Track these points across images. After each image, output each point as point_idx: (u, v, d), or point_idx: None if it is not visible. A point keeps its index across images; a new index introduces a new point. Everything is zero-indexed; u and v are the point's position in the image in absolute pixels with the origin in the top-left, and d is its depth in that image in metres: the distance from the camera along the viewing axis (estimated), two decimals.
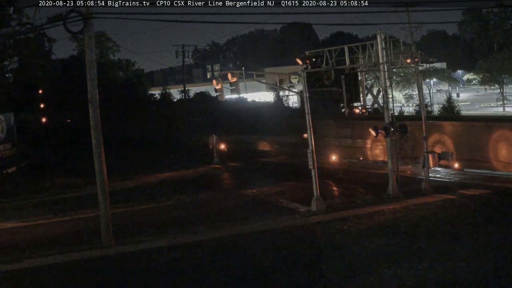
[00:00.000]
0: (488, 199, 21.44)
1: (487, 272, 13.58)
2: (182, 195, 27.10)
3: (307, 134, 21.78)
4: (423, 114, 24.60)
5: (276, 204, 23.84)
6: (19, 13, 40.15)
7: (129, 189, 30.02)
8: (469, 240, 16.28)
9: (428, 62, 60.56)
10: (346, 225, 19.11)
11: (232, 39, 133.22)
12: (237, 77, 22.81)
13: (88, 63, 18.52)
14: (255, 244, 17.72)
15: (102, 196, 18.71)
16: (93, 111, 18.59)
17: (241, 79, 23.02)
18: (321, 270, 14.71)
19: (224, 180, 32.31)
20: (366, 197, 23.45)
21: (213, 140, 37.12)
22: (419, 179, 24.51)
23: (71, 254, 17.70)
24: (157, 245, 18.28)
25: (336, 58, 28.21)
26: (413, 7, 31.71)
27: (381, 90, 23.66)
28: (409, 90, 66.25)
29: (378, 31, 23.84)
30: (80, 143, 35.15)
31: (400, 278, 13.53)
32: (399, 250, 15.78)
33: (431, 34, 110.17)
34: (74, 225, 22.49)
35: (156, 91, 75.03)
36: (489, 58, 72.55)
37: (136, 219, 22.77)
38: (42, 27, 19.27)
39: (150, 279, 15.03)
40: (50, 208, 25.98)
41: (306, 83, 22.52)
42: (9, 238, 20.81)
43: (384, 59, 23.61)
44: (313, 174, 21.56)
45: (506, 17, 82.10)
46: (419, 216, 19.57)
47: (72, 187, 30.59)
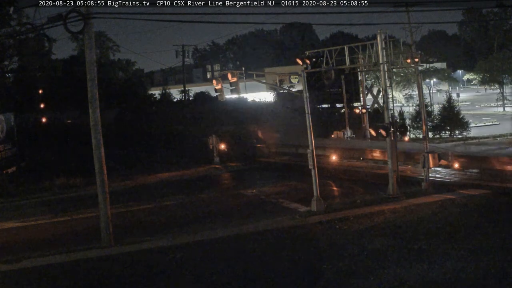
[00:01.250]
0: (488, 199, 21.45)
1: (487, 272, 13.59)
2: (182, 195, 27.11)
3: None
4: (423, 114, 24.62)
5: (276, 204, 23.84)
6: (19, 13, 40.20)
7: (129, 189, 30.03)
8: (469, 240, 16.28)
9: (428, 62, 60.60)
10: (346, 225, 19.12)
11: (232, 39, 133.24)
12: (237, 77, 22.82)
13: (88, 63, 18.53)
14: (255, 244, 17.72)
15: (102, 196, 18.71)
16: (93, 111, 18.60)
17: (241, 79, 23.03)
18: (321, 270, 14.71)
19: (224, 180, 32.31)
20: (366, 197, 23.45)
21: (213, 140, 37.11)
22: (419, 179, 24.51)
23: (71, 254, 17.70)
24: (157, 245, 18.29)
25: (336, 58, 28.24)
26: (413, 7, 31.68)
27: (381, 90, 23.66)
28: (409, 90, 66.33)
29: (378, 31, 23.85)
30: (80, 143, 35.13)
31: (400, 278, 13.54)
32: (399, 250, 15.78)
33: (431, 34, 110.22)
34: (74, 225, 22.49)
35: (156, 91, 75.01)
36: (489, 58, 72.55)
37: (136, 219, 22.77)
38: (42, 27, 19.30)
39: (150, 279, 15.03)
40: (50, 208, 25.99)
41: (306, 83, 22.53)
42: (9, 238, 20.80)
43: (384, 59, 23.62)
44: (313, 174, 21.57)
45: (506, 17, 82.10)
46: (419, 216, 19.57)
47: (72, 187, 30.57)
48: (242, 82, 23.06)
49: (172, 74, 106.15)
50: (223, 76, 24.87)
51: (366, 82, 39.67)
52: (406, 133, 23.48)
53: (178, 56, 64.97)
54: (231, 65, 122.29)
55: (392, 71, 27.44)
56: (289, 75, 64.22)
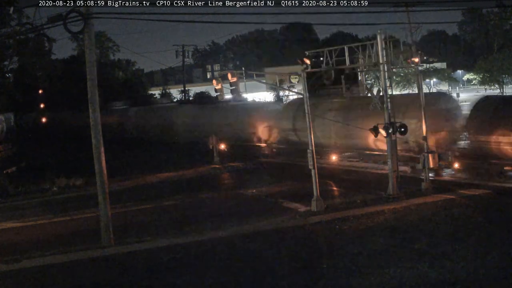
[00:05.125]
0: (488, 199, 21.46)
1: (487, 272, 13.59)
2: (182, 195, 27.09)
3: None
4: (423, 114, 24.57)
5: (276, 204, 23.84)
6: (19, 13, 40.15)
7: (129, 189, 30.02)
8: (469, 240, 16.29)
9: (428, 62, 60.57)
10: (346, 225, 19.12)
11: (232, 39, 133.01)
12: (237, 77, 22.81)
13: (88, 63, 18.53)
14: (255, 244, 17.73)
15: (102, 196, 18.71)
16: (93, 111, 18.60)
17: (241, 79, 23.03)
18: (321, 270, 14.71)
19: (224, 180, 32.30)
20: (366, 197, 23.44)
21: (213, 140, 37.09)
22: (419, 179, 24.50)
23: (71, 254, 17.70)
24: (157, 245, 18.30)
25: (336, 58, 28.15)
26: (413, 7, 31.64)
27: (381, 90, 23.63)
28: (409, 90, 66.27)
29: (378, 31, 23.81)
30: (80, 143, 35.13)
31: (400, 278, 13.54)
32: (399, 250, 15.78)
33: (431, 34, 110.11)
34: (74, 225, 22.50)
35: (156, 91, 75.07)
36: (489, 58, 72.49)
37: (136, 219, 22.77)
38: (42, 27, 19.31)
39: (150, 279, 15.04)
40: (50, 208, 25.98)
41: (306, 83, 22.52)
42: (9, 238, 20.82)
43: (384, 59, 23.60)
44: (313, 174, 21.57)
45: (506, 17, 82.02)
46: (419, 216, 19.58)
47: (72, 187, 30.56)
48: (242, 82, 23.07)
49: (172, 74, 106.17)
50: (223, 76, 24.86)
51: (366, 82, 39.61)
52: (406, 133, 23.39)
53: (178, 56, 65.09)
54: (231, 65, 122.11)
55: (392, 71, 27.37)
56: (289, 75, 64.13)
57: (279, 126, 37.05)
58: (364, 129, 24.61)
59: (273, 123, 37.91)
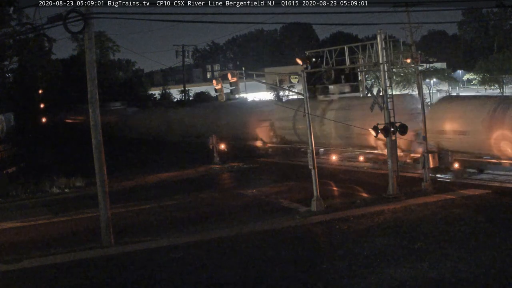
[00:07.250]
0: (488, 199, 21.45)
1: (487, 272, 13.59)
2: (182, 195, 27.10)
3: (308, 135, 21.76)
4: (423, 114, 24.59)
5: (276, 204, 23.84)
6: (19, 13, 40.18)
7: (129, 189, 30.03)
8: (469, 240, 16.28)
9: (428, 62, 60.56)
10: (346, 225, 19.11)
11: (232, 39, 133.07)
12: (237, 77, 22.82)
13: (88, 63, 18.54)
14: (255, 244, 17.72)
15: (102, 196, 18.71)
16: (93, 111, 18.61)
17: (241, 79, 23.03)
18: (321, 270, 14.71)
19: (224, 180, 32.31)
20: (366, 197, 23.45)
21: (213, 140, 37.10)
22: (419, 179, 24.50)
23: (71, 254, 17.71)
24: (157, 245, 18.30)
25: (336, 58, 28.18)
26: (413, 7, 31.68)
27: (381, 90, 23.63)
28: (409, 90, 66.20)
29: (378, 31, 23.82)
30: (80, 143, 35.15)
31: (400, 278, 13.54)
32: (399, 250, 15.77)
33: (431, 34, 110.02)
34: (74, 225, 22.50)
35: (156, 91, 75.12)
36: (489, 58, 72.47)
37: (136, 219, 22.78)
38: (42, 27, 19.27)
39: (150, 279, 15.03)
40: (50, 208, 25.99)
41: (306, 83, 22.52)
42: (9, 238, 20.81)
43: (384, 59, 23.60)
44: (313, 174, 21.56)
45: (506, 17, 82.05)
46: (419, 216, 19.57)
47: (72, 187, 30.59)
48: (242, 82, 23.08)
49: (172, 74, 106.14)
50: (223, 76, 24.86)
51: (366, 82, 39.61)
52: (406, 133, 23.40)
53: (178, 56, 65.06)
54: (231, 65, 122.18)
55: (392, 71, 27.39)
56: (289, 75, 64.05)
57: (279, 126, 37.06)
58: (364, 129, 24.61)
59: (273, 123, 37.91)
